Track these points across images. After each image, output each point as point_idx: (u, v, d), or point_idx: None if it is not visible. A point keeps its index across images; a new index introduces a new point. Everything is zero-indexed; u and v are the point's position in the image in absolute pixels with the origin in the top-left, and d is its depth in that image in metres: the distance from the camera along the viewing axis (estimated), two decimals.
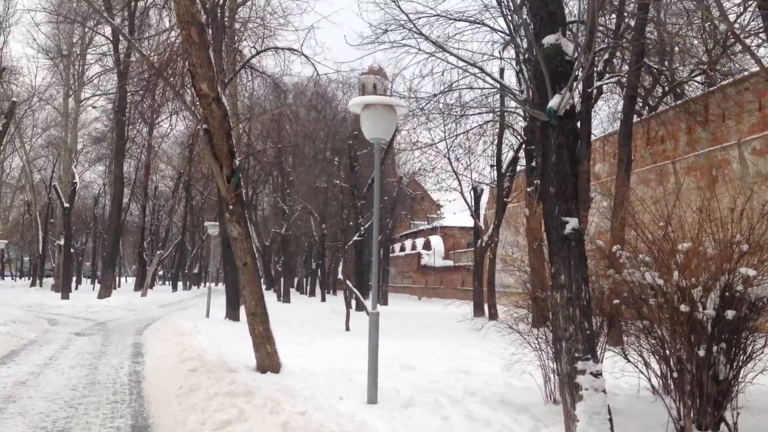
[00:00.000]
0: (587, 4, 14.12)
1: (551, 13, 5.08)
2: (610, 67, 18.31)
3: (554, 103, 4.94)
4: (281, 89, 23.33)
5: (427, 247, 54.89)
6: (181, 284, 52.47)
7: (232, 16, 18.95)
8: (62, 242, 34.64)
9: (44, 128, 43.44)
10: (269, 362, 8.88)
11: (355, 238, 28.11)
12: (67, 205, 31.65)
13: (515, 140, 24.93)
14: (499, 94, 22.13)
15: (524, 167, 23.44)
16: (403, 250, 60.38)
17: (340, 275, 26.03)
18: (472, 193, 27.98)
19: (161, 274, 65.46)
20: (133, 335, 15.66)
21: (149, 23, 26.09)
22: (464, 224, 49.10)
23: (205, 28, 7.85)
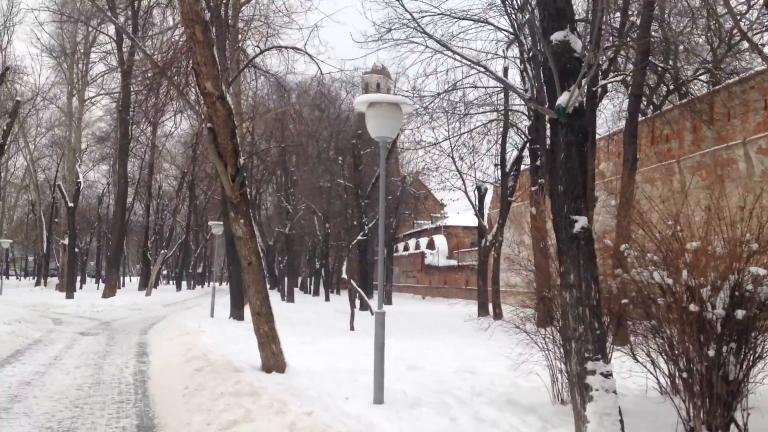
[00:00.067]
0: (592, 1, 14.10)
1: (559, 9, 5.02)
2: (614, 65, 18.24)
3: (563, 100, 4.88)
4: (285, 88, 23.30)
5: (430, 246, 54.83)
6: (185, 284, 52.52)
7: (235, 14, 18.92)
8: (66, 242, 34.68)
9: (48, 128, 43.51)
10: (274, 362, 8.84)
11: (359, 237, 28.06)
12: (71, 204, 31.66)
13: (519, 139, 24.89)
14: (503, 93, 22.11)
15: (528, 166, 23.39)
16: (406, 249, 60.34)
17: (344, 275, 26.03)
18: (476, 192, 27.94)
19: (165, 273, 65.52)
20: (137, 335, 15.64)
21: (153, 22, 26.11)
22: (468, 223, 49.01)
23: (209, 26, 7.81)
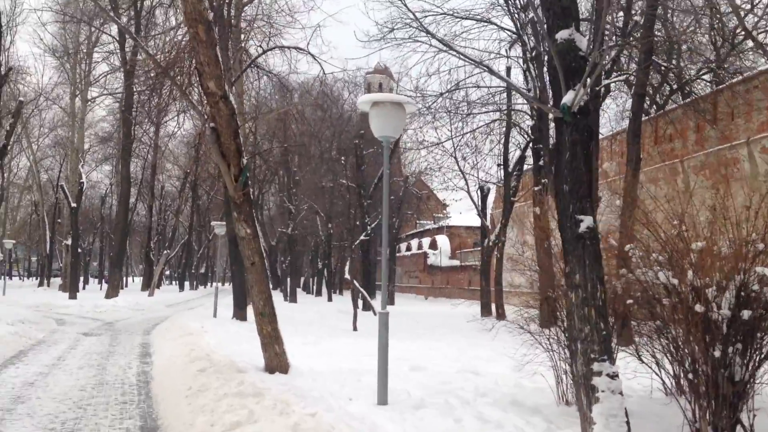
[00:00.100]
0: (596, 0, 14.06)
1: (564, 7, 4.98)
2: (617, 65, 18.19)
3: (568, 99, 4.85)
4: (287, 88, 23.28)
5: (433, 246, 54.77)
6: (187, 284, 52.55)
7: (238, 14, 18.90)
8: (69, 242, 34.71)
9: (51, 128, 43.55)
10: (278, 362, 8.81)
11: (362, 237, 28.03)
12: (74, 205, 31.69)
13: (522, 139, 24.83)
14: (505, 92, 22.07)
15: (531, 166, 23.34)
16: (409, 249, 60.31)
17: (347, 275, 25.97)
18: (478, 192, 27.89)
19: (168, 273, 65.55)
20: (140, 335, 15.65)
21: (155, 22, 26.12)
22: (470, 224, 48.94)
23: (212, 25, 7.78)
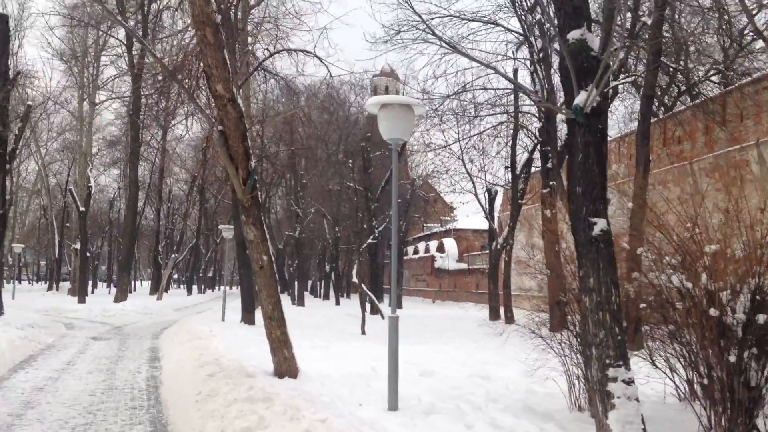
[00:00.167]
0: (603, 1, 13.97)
1: (576, 7, 4.91)
2: (624, 66, 18.09)
3: (580, 100, 4.78)
4: (294, 91, 23.26)
5: (440, 249, 54.62)
6: (195, 288, 52.62)
7: (245, 17, 18.90)
8: (78, 246, 34.80)
9: (59, 132, 43.64)
10: (287, 367, 8.76)
11: (369, 240, 27.97)
12: (82, 209, 31.77)
13: (530, 141, 24.69)
14: (513, 94, 21.99)
15: (539, 168, 23.22)
16: (416, 252, 60.17)
17: (354, 278, 25.93)
18: (486, 195, 27.78)
19: (176, 277, 65.69)
20: (149, 339, 15.64)
21: (162, 26, 26.16)
22: (478, 226, 48.76)
23: (220, 28, 7.75)
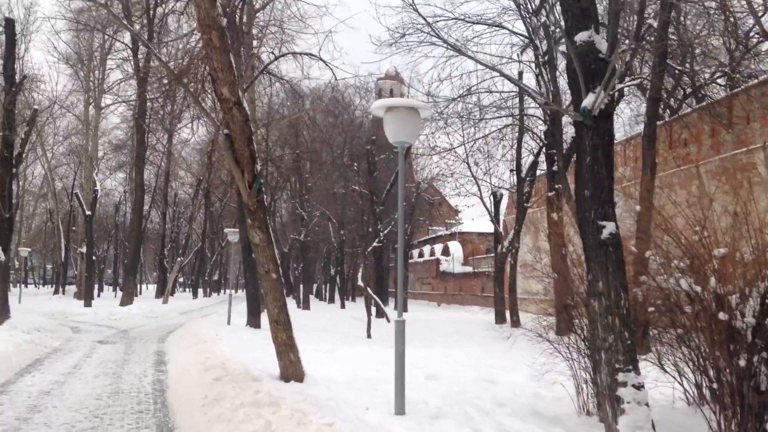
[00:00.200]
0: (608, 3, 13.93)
1: (584, 9, 4.88)
2: (630, 69, 18.04)
3: (588, 102, 4.75)
4: (299, 94, 23.26)
5: (445, 253, 54.56)
6: (201, 291, 52.67)
7: (250, 21, 18.91)
8: (84, 250, 34.89)
9: (65, 136, 43.79)
10: (293, 371, 8.73)
11: (374, 244, 27.93)
12: (88, 212, 31.85)
13: (535, 144, 24.64)
14: (518, 97, 21.95)
15: (545, 171, 23.17)
16: (421, 256, 60.12)
17: (360, 282, 25.90)
18: (491, 198, 27.74)
19: (181, 281, 65.81)
20: (155, 343, 15.65)
21: (168, 29, 26.21)
22: (483, 230, 48.72)
23: (225, 32, 7.75)
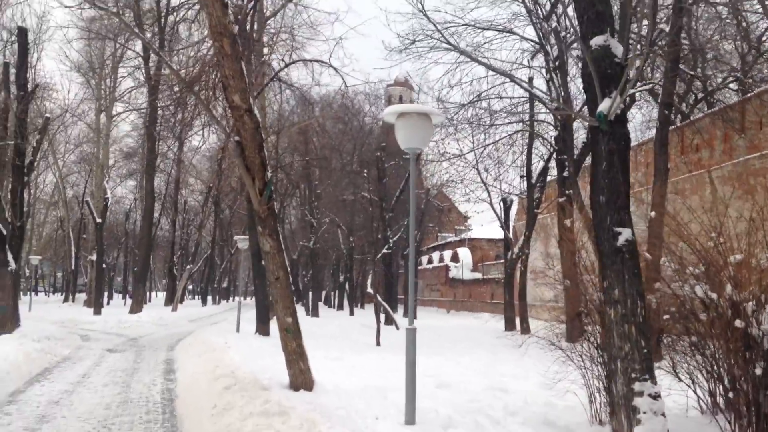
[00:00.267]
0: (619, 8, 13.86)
1: (599, 13, 4.83)
2: (641, 74, 17.94)
3: (604, 107, 4.68)
4: (309, 101, 23.27)
5: (454, 259, 54.40)
6: (210, 298, 52.69)
7: (261, 28, 18.94)
8: (94, 257, 34.99)
9: (77, 144, 44.01)
10: (302, 380, 8.66)
11: (384, 251, 27.84)
12: (99, 220, 31.96)
13: (545, 150, 24.51)
14: (528, 103, 21.87)
15: (555, 177, 23.04)
16: (430, 262, 59.98)
17: (369, 288, 25.83)
18: (501, 204, 27.59)
19: (191, 288, 65.89)
20: (164, 351, 15.62)
21: (179, 38, 26.33)
22: (492, 236, 48.51)
23: (237, 39, 7.74)
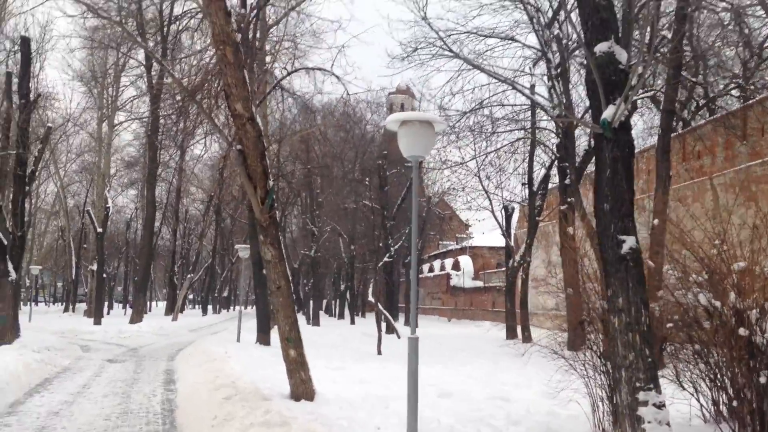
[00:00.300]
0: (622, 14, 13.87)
1: (604, 19, 4.80)
2: (643, 81, 17.94)
3: (608, 114, 4.65)
4: (311, 110, 23.26)
5: (456, 267, 54.29)
6: (210, 308, 52.56)
7: (263, 36, 18.96)
8: (95, 267, 34.93)
9: (78, 153, 44.00)
10: (303, 389, 8.60)
11: (385, 259, 27.77)
12: (100, 230, 31.92)
13: (547, 157, 24.47)
14: (530, 111, 21.85)
15: (557, 185, 23.00)
16: (431, 270, 59.87)
17: (370, 297, 25.76)
18: (503, 212, 27.54)
19: (191, 297, 65.77)
20: (165, 361, 15.55)
21: (181, 47, 26.39)
22: (493, 244, 48.46)
23: (239, 47, 7.73)
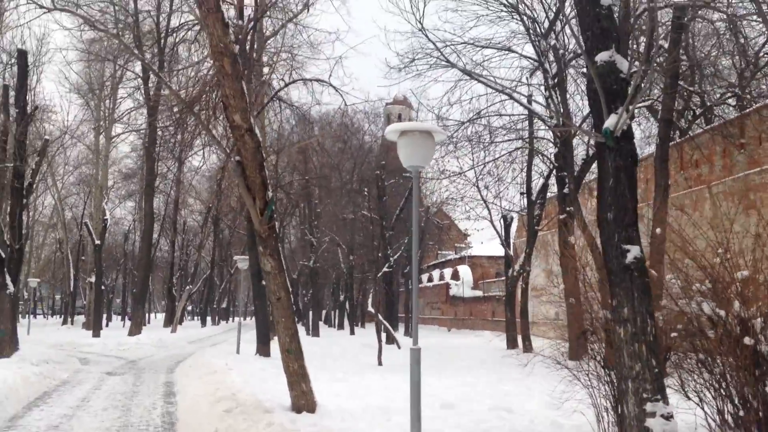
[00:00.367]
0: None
1: (604, 28, 4.80)
2: (640, 90, 17.98)
3: (610, 123, 4.63)
4: (308, 121, 23.28)
5: (455, 277, 54.22)
6: (209, 319, 52.37)
7: (261, 48, 19.00)
8: (93, 279, 34.82)
9: (76, 166, 43.97)
10: (305, 401, 8.54)
11: (384, 269, 27.71)
12: (98, 242, 31.85)
13: (545, 167, 24.49)
14: (527, 120, 21.90)
15: (555, 194, 23.00)
16: (431, 280, 59.78)
17: (370, 308, 25.69)
18: (501, 221, 27.53)
19: (190, 309, 65.56)
20: (164, 373, 15.46)
21: (178, 58, 26.43)
22: (492, 253, 48.42)
23: (237, 58, 7.73)
